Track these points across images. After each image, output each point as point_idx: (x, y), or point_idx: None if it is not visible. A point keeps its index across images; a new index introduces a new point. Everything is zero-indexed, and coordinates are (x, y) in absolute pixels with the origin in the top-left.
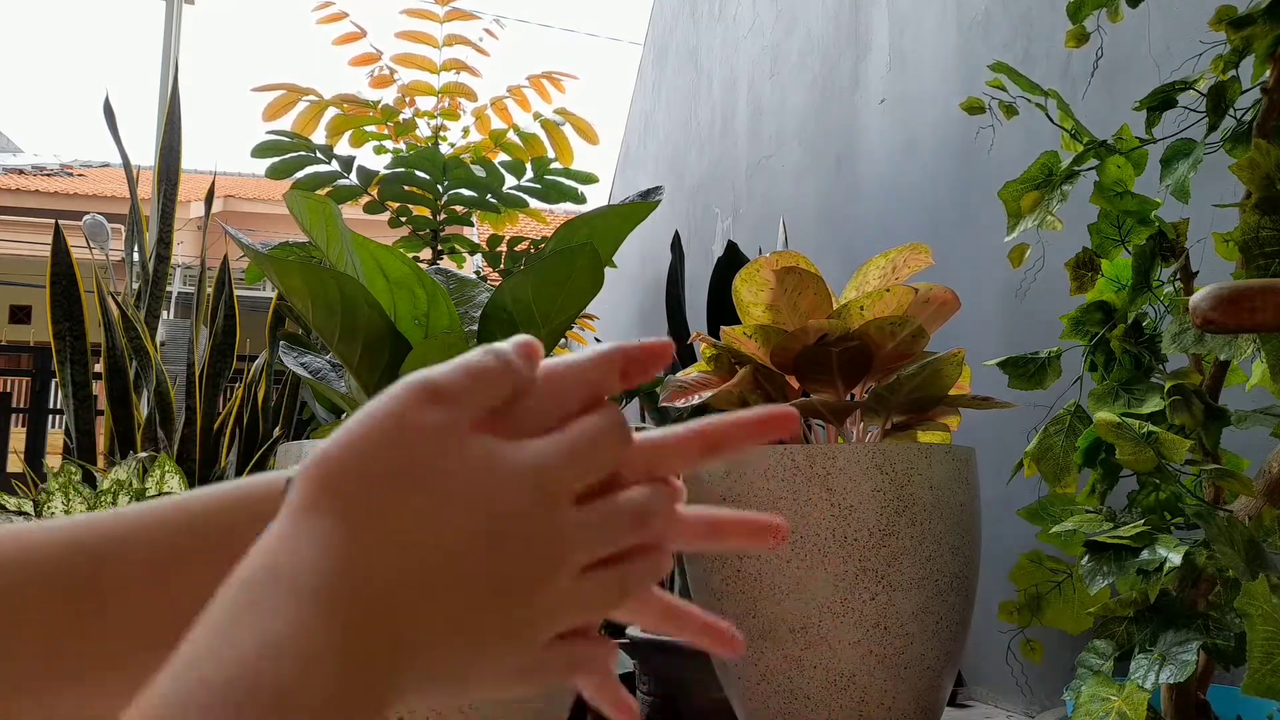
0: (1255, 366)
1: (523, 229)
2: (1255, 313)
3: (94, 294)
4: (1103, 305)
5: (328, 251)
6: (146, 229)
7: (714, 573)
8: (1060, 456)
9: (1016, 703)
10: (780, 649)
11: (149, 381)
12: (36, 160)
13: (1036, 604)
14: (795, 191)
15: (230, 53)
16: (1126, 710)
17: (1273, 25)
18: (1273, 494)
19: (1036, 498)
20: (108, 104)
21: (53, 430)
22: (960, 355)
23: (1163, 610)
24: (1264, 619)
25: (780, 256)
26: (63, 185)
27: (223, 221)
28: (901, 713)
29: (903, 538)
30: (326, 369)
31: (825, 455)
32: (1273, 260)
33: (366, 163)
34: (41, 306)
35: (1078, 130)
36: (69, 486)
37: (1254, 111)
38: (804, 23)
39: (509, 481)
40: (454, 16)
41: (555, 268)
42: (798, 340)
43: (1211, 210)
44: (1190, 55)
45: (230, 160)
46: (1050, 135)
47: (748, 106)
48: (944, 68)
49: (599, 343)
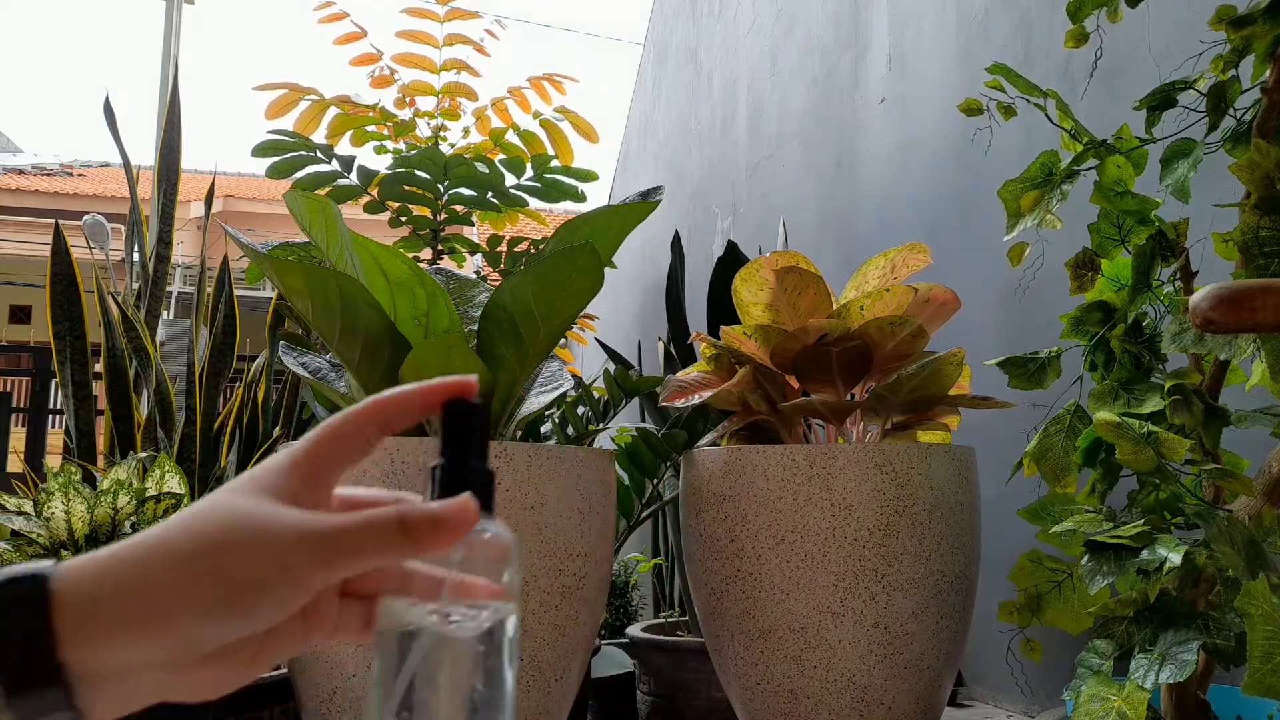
0: (1255, 366)
1: (523, 229)
2: (1255, 313)
3: (94, 294)
4: (1103, 305)
5: (328, 251)
6: (146, 229)
7: (714, 573)
8: (1060, 456)
9: (1016, 703)
10: (780, 649)
11: (149, 381)
12: (36, 160)
13: (1036, 604)
14: (795, 191)
15: (230, 53)
16: (1126, 710)
17: (1272, 25)
18: (1273, 494)
19: (1036, 498)
20: (108, 104)
21: (53, 430)
22: (960, 355)
23: (1163, 610)
24: (1264, 619)
25: (780, 256)
26: (63, 185)
27: (223, 221)
28: (901, 713)
29: (903, 538)
30: (326, 369)
31: (825, 455)
32: (1273, 260)
33: (367, 163)
34: (41, 306)
35: (1077, 130)
36: (69, 486)
37: (1254, 111)
38: (804, 23)
39: None
40: (454, 16)
41: (555, 268)
42: (798, 340)
43: (1211, 210)
44: (1190, 55)
45: (230, 160)
46: (1050, 135)
47: (748, 106)
48: (944, 68)
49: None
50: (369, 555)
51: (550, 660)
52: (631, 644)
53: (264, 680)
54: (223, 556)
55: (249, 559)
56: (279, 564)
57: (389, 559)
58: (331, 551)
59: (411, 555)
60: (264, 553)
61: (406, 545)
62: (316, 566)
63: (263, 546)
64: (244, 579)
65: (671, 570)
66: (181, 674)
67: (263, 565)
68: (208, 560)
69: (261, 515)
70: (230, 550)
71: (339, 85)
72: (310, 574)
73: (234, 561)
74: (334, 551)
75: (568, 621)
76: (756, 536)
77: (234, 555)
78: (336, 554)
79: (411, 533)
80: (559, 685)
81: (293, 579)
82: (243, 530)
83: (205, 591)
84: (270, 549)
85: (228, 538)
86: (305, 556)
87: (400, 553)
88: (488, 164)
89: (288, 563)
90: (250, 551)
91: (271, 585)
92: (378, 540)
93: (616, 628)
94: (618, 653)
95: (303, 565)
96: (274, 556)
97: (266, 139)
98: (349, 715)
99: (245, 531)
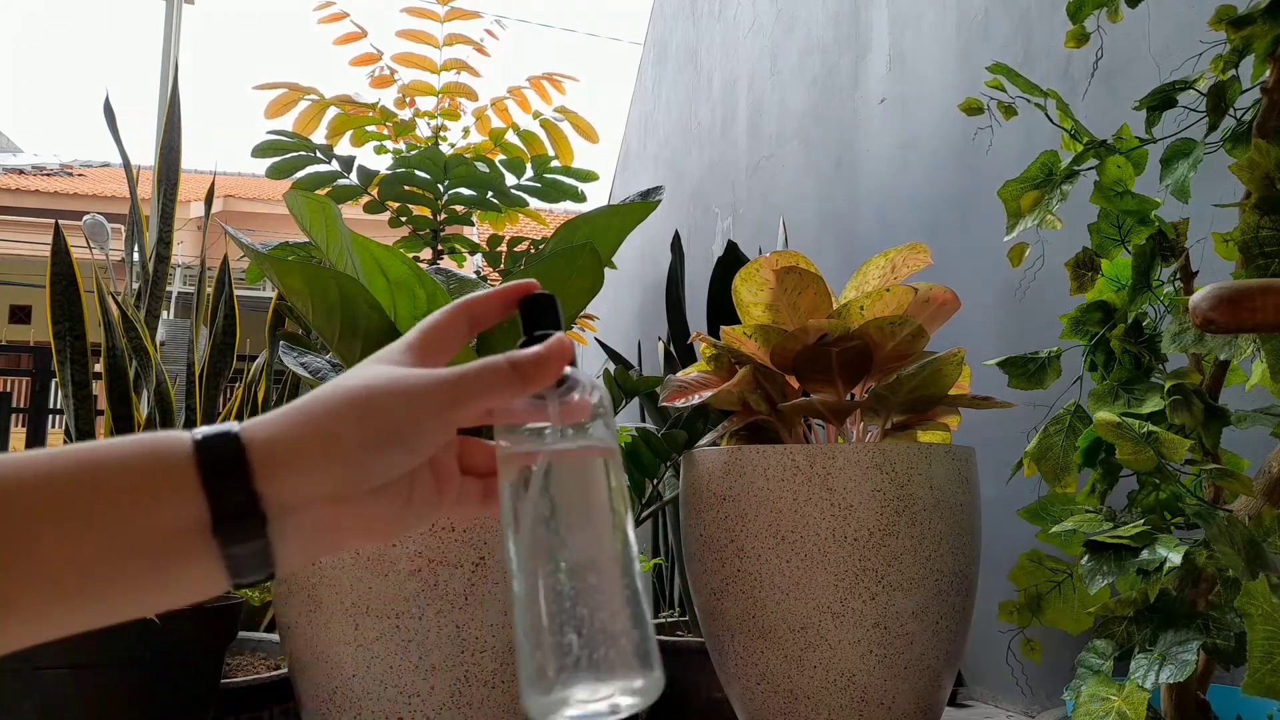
0: (1255, 366)
1: (523, 229)
2: (1255, 313)
3: (94, 294)
4: (1103, 305)
5: (328, 251)
6: (146, 229)
7: (714, 572)
8: (1060, 456)
9: (1016, 703)
10: (780, 649)
11: (149, 381)
12: (36, 160)
13: (1036, 604)
14: (795, 191)
15: (230, 53)
16: (1126, 710)
17: (1272, 25)
18: (1273, 494)
19: (1036, 498)
20: (108, 104)
21: (53, 430)
22: (960, 355)
23: (1163, 610)
24: (1264, 619)
25: (780, 256)
26: (63, 185)
27: (223, 221)
28: (901, 712)
29: (903, 537)
30: (326, 369)
31: (825, 455)
32: (1273, 260)
33: (367, 163)
34: (41, 306)
35: (1077, 130)
36: None
37: (1254, 111)
38: (804, 23)
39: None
40: (455, 16)
41: (555, 268)
42: (798, 340)
43: (1211, 210)
44: (1190, 55)
45: (230, 160)
46: (1050, 135)
47: (748, 106)
48: (944, 68)
49: (599, 343)
50: (488, 393)
51: None
52: None
53: (264, 680)
54: (374, 400)
55: (396, 401)
56: (421, 404)
57: (504, 396)
58: (457, 390)
59: (522, 390)
60: (407, 397)
61: (516, 381)
62: (447, 405)
63: (405, 393)
64: (396, 417)
65: (671, 570)
66: (351, 507)
67: (408, 406)
68: (364, 404)
69: (399, 372)
70: (380, 396)
71: (339, 85)
72: (445, 411)
73: (385, 403)
74: (459, 390)
75: None
76: (756, 536)
77: (384, 399)
78: (462, 392)
79: (520, 368)
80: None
81: (433, 414)
82: (387, 382)
83: (368, 425)
84: (412, 394)
85: (376, 389)
86: (439, 397)
87: (512, 389)
88: (488, 164)
89: (428, 404)
90: (396, 396)
91: (417, 420)
92: (492, 379)
93: None
94: None
95: (438, 404)
96: (416, 399)
97: (266, 139)
98: (349, 715)
99: (389, 383)
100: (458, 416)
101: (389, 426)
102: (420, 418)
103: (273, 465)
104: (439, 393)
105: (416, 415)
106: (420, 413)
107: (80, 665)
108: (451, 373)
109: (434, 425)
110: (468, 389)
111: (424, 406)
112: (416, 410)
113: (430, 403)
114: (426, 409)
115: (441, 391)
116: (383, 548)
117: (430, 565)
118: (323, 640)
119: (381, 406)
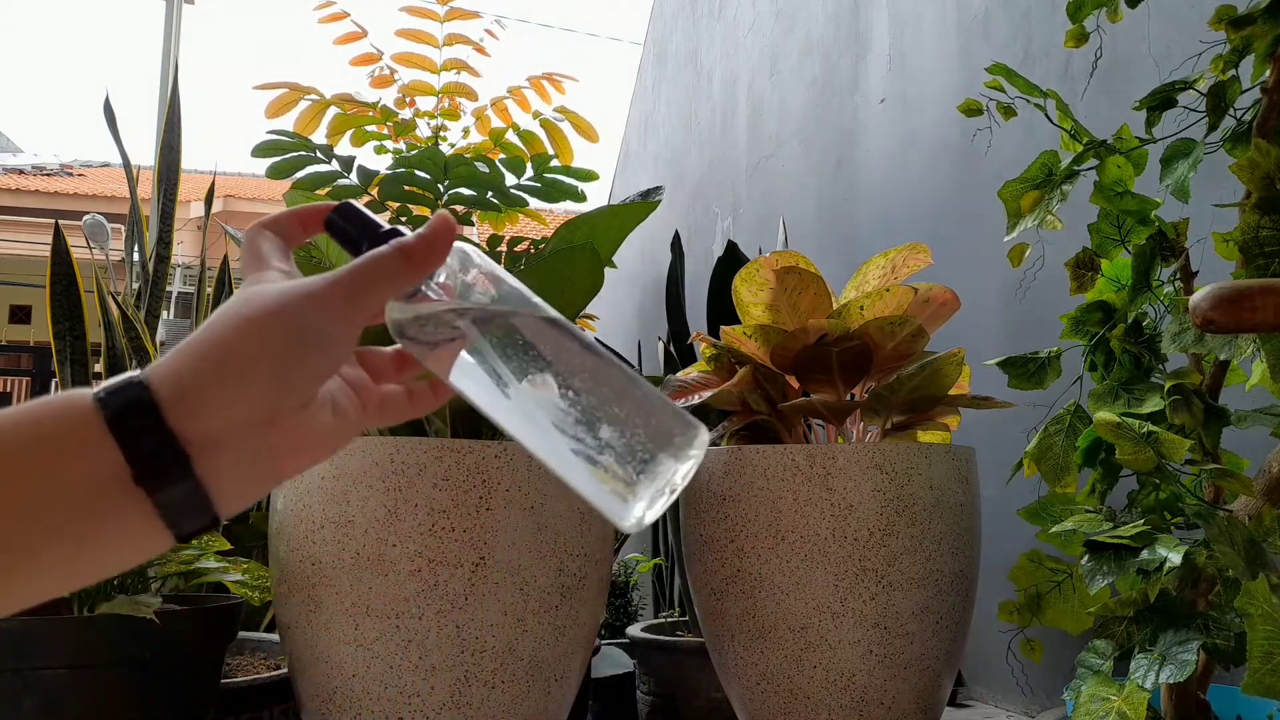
0: (1255, 366)
1: (523, 229)
2: (1255, 313)
3: (94, 294)
4: (1103, 305)
5: (328, 251)
6: (146, 229)
7: (714, 573)
8: (1060, 456)
9: (1016, 703)
10: (780, 649)
11: None
12: (36, 160)
13: (1036, 604)
14: (795, 191)
15: (230, 53)
16: (1126, 710)
17: (1272, 25)
18: (1273, 494)
19: (1036, 498)
20: (108, 104)
21: None
22: (960, 355)
23: (1163, 610)
24: (1264, 619)
25: (780, 256)
26: (63, 185)
27: (223, 221)
28: (901, 713)
29: (903, 537)
30: None
31: (825, 455)
32: (1273, 260)
33: (367, 163)
34: (41, 306)
35: (1077, 130)
36: None
37: (1254, 111)
38: (804, 23)
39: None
40: (455, 15)
41: (555, 268)
42: (798, 340)
43: (1211, 210)
44: (1190, 55)
45: (230, 160)
46: (1050, 135)
47: (748, 106)
48: (944, 68)
49: (599, 343)
50: (384, 281)
51: (550, 660)
52: (631, 644)
53: (264, 680)
54: (284, 309)
55: (303, 305)
56: (326, 305)
57: (399, 284)
58: (355, 284)
59: (416, 274)
60: (312, 300)
61: (408, 266)
62: (350, 300)
63: (309, 296)
64: (307, 322)
65: (671, 570)
66: (281, 428)
67: (316, 308)
68: (274, 314)
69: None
70: (280, 306)
71: (339, 85)
72: (349, 308)
73: (293, 309)
74: (359, 283)
75: (568, 621)
76: (756, 536)
77: (291, 305)
78: (362, 284)
79: (410, 255)
80: (559, 685)
81: (340, 313)
82: (284, 290)
83: (282, 335)
84: (315, 296)
85: (272, 300)
86: (340, 295)
87: (407, 275)
88: (488, 164)
89: (332, 302)
90: (301, 301)
91: (327, 321)
92: (386, 268)
93: (616, 628)
94: (618, 653)
95: (342, 300)
96: (320, 300)
97: (266, 139)
98: (349, 715)
99: (287, 290)
100: (361, 312)
101: (301, 331)
102: (329, 317)
103: (187, 399)
104: (339, 290)
105: (325, 315)
106: (328, 312)
107: (80, 665)
108: (346, 270)
109: (342, 324)
110: (367, 280)
111: (330, 306)
112: (324, 310)
113: (335, 301)
114: (333, 308)
115: (340, 289)
116: (383, 548)
117: (430, 565)
118: (323, 640)
119: (290, 313)
